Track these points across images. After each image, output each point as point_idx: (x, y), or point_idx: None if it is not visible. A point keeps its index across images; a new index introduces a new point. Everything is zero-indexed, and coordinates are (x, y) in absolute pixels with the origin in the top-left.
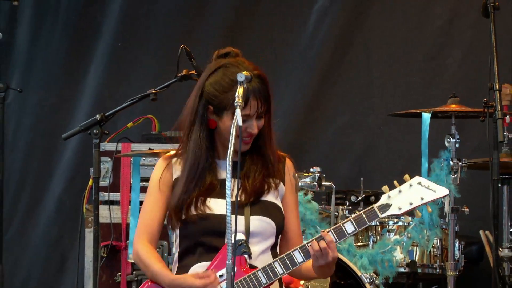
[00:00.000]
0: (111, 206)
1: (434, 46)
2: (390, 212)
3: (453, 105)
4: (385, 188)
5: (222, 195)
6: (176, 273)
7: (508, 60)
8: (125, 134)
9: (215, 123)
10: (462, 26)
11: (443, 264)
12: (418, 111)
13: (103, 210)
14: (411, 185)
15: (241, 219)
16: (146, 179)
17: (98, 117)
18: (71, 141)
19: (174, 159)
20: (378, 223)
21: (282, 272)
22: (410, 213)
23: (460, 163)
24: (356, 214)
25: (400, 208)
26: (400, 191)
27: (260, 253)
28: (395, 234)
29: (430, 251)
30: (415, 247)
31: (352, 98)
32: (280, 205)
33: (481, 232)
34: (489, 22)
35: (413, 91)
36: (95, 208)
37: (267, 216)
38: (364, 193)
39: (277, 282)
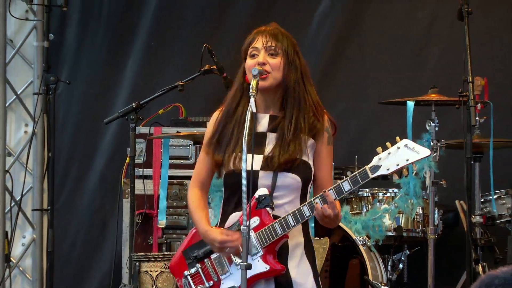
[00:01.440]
0: (145, 180)
1: (417, 45)
2: (379, 172)
3: (433, 95)
4: (379, 149)
5: (255, 151)
6: (220, 219)
7: (480, 57)
8: (157, 119)
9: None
10: (440, 27)
11: (424, 229)
12: (404, 100)
13: (138, 183)
14: (398, 148)
15: (270, 174)
16: (175, 157)
17: (134, 105)
18: (111, 125)
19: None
20: (370, 194)
21: (294, 224)
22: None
23: (439, 144)
24: (351, 175)
25: (388, 169)
26: (389, 153)
27: (285, 204)
28: (384, 204)
29: (414, 218)
30: (401, 215)
31: (349, 88)
32: (310, 160)
33: (456, 201)
34: (464, 25)
35: (399, 83)
36: (132, 181)
37: (293, 172)
38: (357, 169)
39: (301, 234)
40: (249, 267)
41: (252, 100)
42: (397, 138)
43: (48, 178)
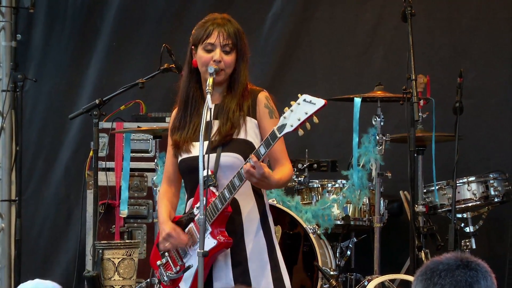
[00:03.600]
0: (107, 172)
1: (363, 45)
2: (285, 130)
3: (379, 92)
4: (285, 109)
5: (204, 138)
6: (186, 204)
7: (422, 56)
8: (119, 115)
9: (196, 62)
10: (385, 28)
11: (371, 217)
12: (351, 96)
13: (101, 175)
14: (299, 104)
15: (213, 156)
16: (135, 151)
17: (97, 101)
18: (76, 120)
19: None
20: (319, 185)
21: (229, 196)
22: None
23: (384, 138)
24: (264, 138)
25: (291, 125)
26: (292, 111)
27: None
28: (333, 194)
29: (361, 208)
30: (348, 204)
31: (300, 85)
32: (251, 139)
33: (401, 192)
34: (407, 26)
35: (347, 80)
36: (95, 173)
37: (236, 152)
38: (308, 161)
39: (257, 211)
40: (205, 254)
41: (208, 96)
42: (299, 94)
43: (16, 170)
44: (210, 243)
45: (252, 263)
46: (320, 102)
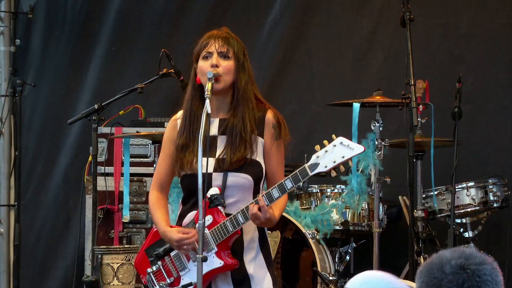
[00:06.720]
0: (106, 177)
1: (362, 50)
2: (318, 170)
3: (378, 97)
4: (317, 147)
5: (209, 154)
6: (178, 217)
7: (421, 61)
8: (118, 120)
9: (199, 79)
10: (384, 34)
11: (370, 223)
12: (350, 102)
13: (100, 180)
14: (335, 145)
15: (220, 175)
16: (134, 156)
17: (96, 106)
18: (75, 125)
19: (179, 120)
20: (318, 190)
21: (243, 221)
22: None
23: (383, 143)
24: (292, 173)
25: (326, 166)
26: (326, 151)
27: (238, 201)
28: (332, 199)
29: (360, 213)
30: (347, 209)
31: (298, 90)
32: (259, 159)
33: (400, 197)
34: (406, 31)
35: (345, 85)
36: (94, 178)
37: (244, 172)
38: None
39: (256, 229)
40: (204, 259)
41: (207, 101)
42: (333, 136)
43: (15, 175)
44: (216, 263)
45: (255, 283)
46: (359, 149)
